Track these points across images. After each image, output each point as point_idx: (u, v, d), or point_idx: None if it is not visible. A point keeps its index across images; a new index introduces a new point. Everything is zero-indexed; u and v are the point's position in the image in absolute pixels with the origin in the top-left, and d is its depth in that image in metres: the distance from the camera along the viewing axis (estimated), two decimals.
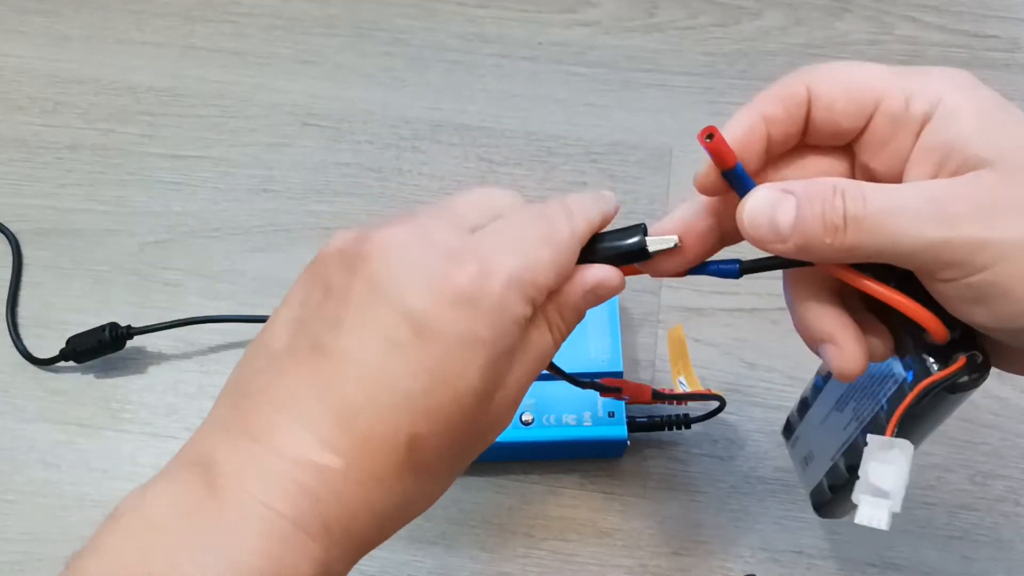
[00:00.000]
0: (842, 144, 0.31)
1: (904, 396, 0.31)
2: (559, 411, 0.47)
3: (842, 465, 0.36)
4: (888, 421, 0.31)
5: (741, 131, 0.30)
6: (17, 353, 0.52)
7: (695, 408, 0.48)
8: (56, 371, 0.52)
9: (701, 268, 0.33)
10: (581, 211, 0.32)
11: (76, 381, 0.51)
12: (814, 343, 0.32)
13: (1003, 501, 0.49)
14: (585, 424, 0.47)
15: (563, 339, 0.31)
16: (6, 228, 0.55)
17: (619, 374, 0.47)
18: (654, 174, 0.58)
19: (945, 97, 0.29)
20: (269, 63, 0.61)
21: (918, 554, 0.48)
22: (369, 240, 0.29)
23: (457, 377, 0.27)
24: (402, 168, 0.58)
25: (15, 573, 0.47)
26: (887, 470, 0.31)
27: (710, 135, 0.29)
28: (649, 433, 0.49)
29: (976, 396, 0.42)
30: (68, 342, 0.50)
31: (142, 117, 0.59)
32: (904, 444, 0.31)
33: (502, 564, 0.47)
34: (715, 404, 0.47)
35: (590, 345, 0.48)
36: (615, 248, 0.32)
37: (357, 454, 0.27)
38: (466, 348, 0.27)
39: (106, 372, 0.52)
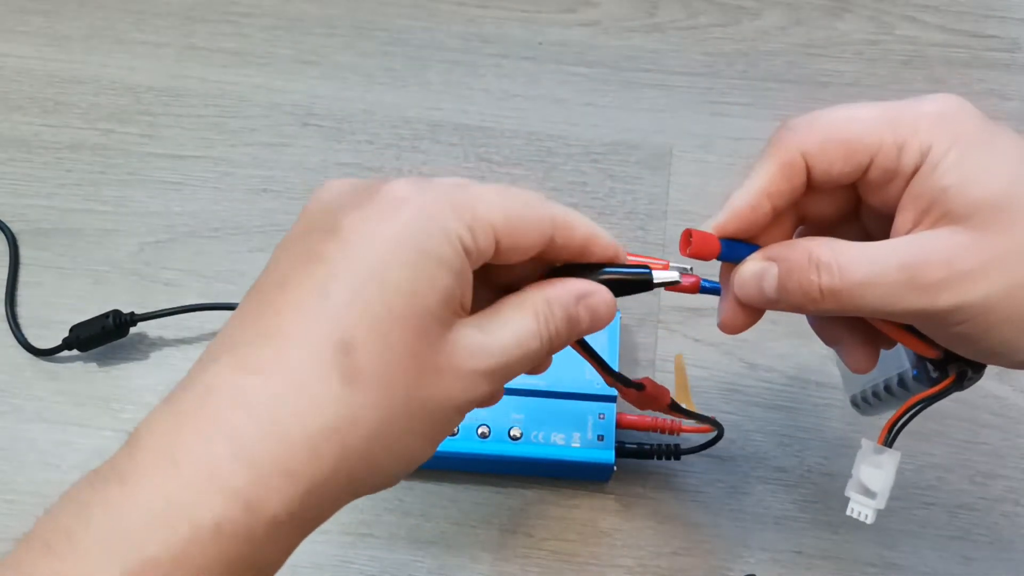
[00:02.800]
0: (846, 187, 0.33)
1: (904, 384, 0.36)
2: (548, 429, 0.47)
3: (881, 386, 0.39)
4: (902, 387, 0.36)
5: (746, 211, 0.32)
6: (18, 352, 0.52)
7: (687, 439, 0.48)
8: (58, 361, 0.52)
9: (717, 289, 0.35)
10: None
11: (78, 371, 0.51)
12: (829, 344, 0.36)
13: (1003, 501, 0.49)
14: (573, 445, 0.47)
15: (549, 336, 0.30)
16: (4, 225, 0.55)
17: (613, 397, 0.47)
18: (654, 174, 0.58)
19: (934, 146, 0.30)
20: (269, 63, 0.62)
21: (918, 554, 0.48)
22: (327, 183, 0.29)
23: (383, 274, 0.26)
24: (402, 168, 0.58)
25: None
26: (876, 474, 0.35)
27: (689, 237, 0.32)
28: (638, 460, 0.49)
29: (976, 396, 0.42)
30: (71, 330, 0.51)
31: (142, 117, 0.59)
32: (892, 453, 0.35)
33: (502, 564, 0.47)
34: (713, 433, 0.46)
35: (587, 366, 0.48)
36: (619, 274, 0.32)
37: (287, 372, 0.26)
38: (387, 243, 0.26)
39: (108, 361, 0.52)
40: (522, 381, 0.47)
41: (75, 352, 0.52)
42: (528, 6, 0.64)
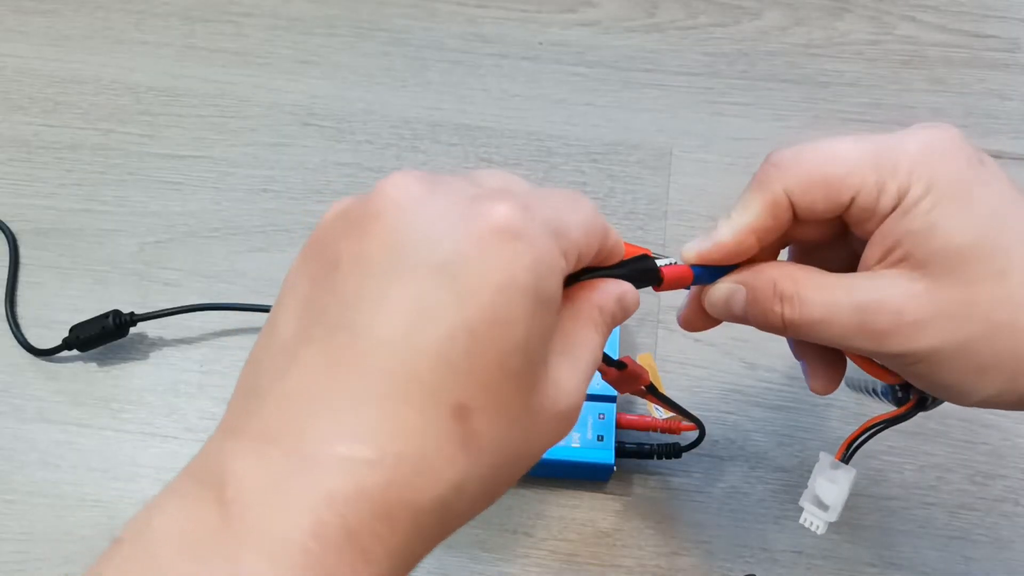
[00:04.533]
0: (832, 220, 0.33)
1: (878, 395, 0.37)
2: None
3: (869, 385, 0.40)
4: (877, 395, 0.37)
5: (731, 244, 0.33)
6: (17, 352, 0.52)
7: (687, 439, 0.48)
8: (58, 361, 0.52)
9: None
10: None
11: (78, 371, 0.51)
12: (797, 358, 0.37)
13: (1003, 501, 0.49)
14: (573, 445, 0.47)
15: (602, 341, 0.28)
16: (4, 225, 0.55)
17: (613, 398, 0.47)
18: (654, 174, 0.58)
19: (911, 189, 0.30)
20: (269, 63, 0.62)
21: (918, 554, 0.48)
22: (376, 198, 0.25)
23: (500, 329, 0.23)
24: (402, 168, 0.58)
25: (15, 573, 0.47)
26: (831, 488, 0.36)
27: (660, 279, 0.32)
28: (637, 461, 0.49)
29: None
30: (71, 330, 0.51)
31: (142, 117, 0.59)
32: (848, 469, 0.36)
33: (502, 564, 0.47)
34: (695, 431, 0.46)
35: None
36: (631, 269, 0.31)
37: (398, 440, 0.23)
38: (506, 292, 0.23)
39: (108, 361, 0.52)
40: None
41: (75, 352, 0.52)
42: (528, 6, 0.64)
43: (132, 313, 0.51)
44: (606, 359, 0.39)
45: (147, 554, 0.22)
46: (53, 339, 0.51)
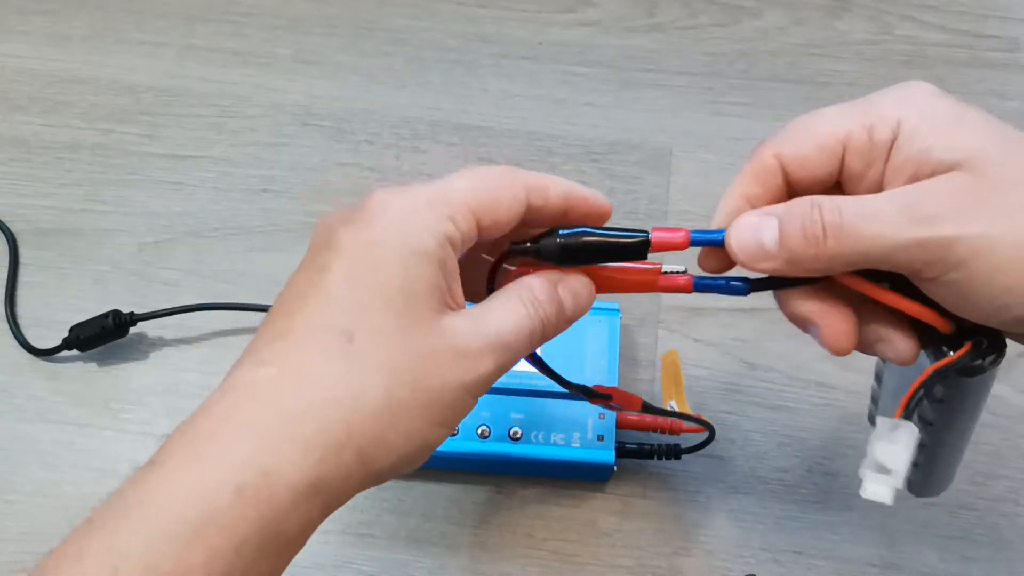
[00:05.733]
0: (829, 187, 0.32)
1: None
2: (548, 429, 0.47)
3: None
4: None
5: (727, 218, 0.32)
6: (17, 352, 0.52)
7: (687, 439, 0.48)
8: (58, 361, 0.52)
9: (711, 285, 0.34)
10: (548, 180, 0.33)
11: (78, 371, 0.51)
12: (803, 327, 0.34)
13: (1003, 501, 0.49)
14: (573, 445, 0.47)
15: (541, 318, 0.32)
16: (4, 225, 0.55)
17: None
18: (654, 174, 0.58)
19: (904, 118, 0.30)
20: (269, 63, 0.61)
21: (918, 554, 0.48)
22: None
23: (375, 275, 0.30)
24: (402, 168, 0.58)
25: (15, 573, 0.47)
26: (892, 449, 0.33)
27: (648, 245, 0.33)
28: (637, 461, 0.49)
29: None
30: (71, 330, 0.51)
31: (142, 117, 0.59)
32: (908, 426, 0.33)
33: (502, 564, 0.47)
34: (704, 431, 0.46)
35: (586, 364, 0.48)
36: (618, 237, 0.33)
37: (293, 358, 0.29)
38: (377, 248, 0.30)
39: (108, 361, 0.52)
40: (522, 381, 0.48)
41: (75, 352, 0.52)
42: (528, 6, 0.64)
43: (132, 313, 0.51)
44: (591, 395, 0.40)
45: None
46: (53, 339, 0.51)
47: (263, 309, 0.51)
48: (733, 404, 0.51)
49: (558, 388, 0.47)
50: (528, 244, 0.33)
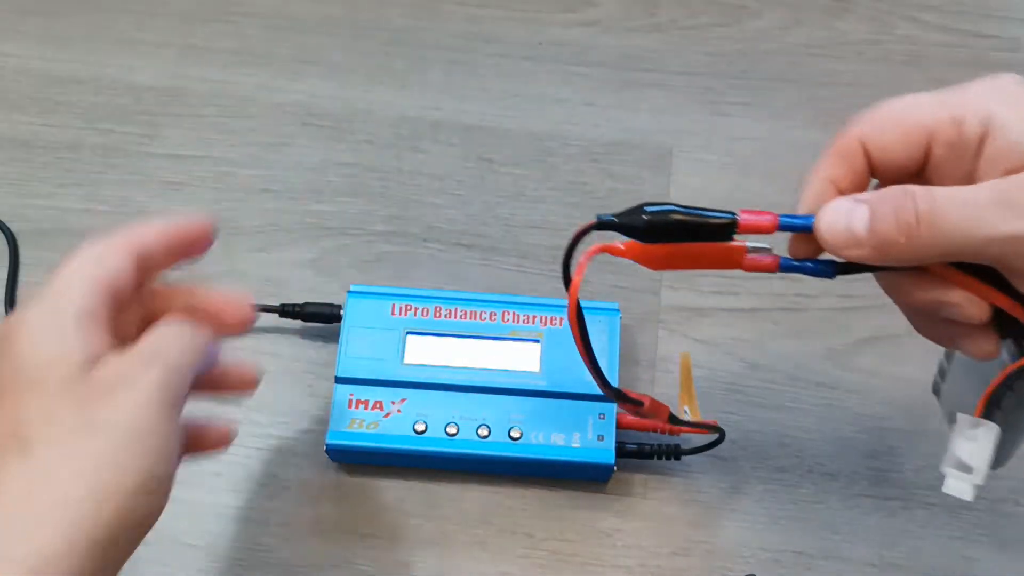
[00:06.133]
0: (913, 175, 0.32)
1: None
2: (548, 429, 0.47)
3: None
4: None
5: (815, 199, 0.32)
6: None
7: (687, 439, 0.48)
8: None
9: (797, 267, 0.34)
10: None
11: None
12: (945, 342, 0.35)
13: (1003, 501, 0.49)
14: (573, 445, 0.47)
15: (154, 376, 0.32)
16: (4, 225, 0.55)
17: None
18: (654, 174, 0.58)
19: (994, 112, 0.30)
20: (269, 63, 0.61)
21: (918, 554, 0.48)
22: None
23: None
24: (402, 168, 0.58)
25: None
26: (972, 447, 0.33)
27: (735, 226, 0.32)
28: (637, 461, 0.49)
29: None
30: None
31: (142, 117, 0.59)
32: (989, 425, 0.33)
33: (502, 564, 0.47)
34: (714, 436, 0.47)
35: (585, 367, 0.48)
36: (705, 217, 0.33)
37: None
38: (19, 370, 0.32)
39: None
40: (522, 381, 0.47)
41: None
42: (528, 6, 0.64)
43: None
44: (623, 397, 0.40)
45: None
46: None
47: (263, 309, 0.51)
48: (733, 404, 0.51)
49: (558, 388, 0.47)
50: (614, 219, 0.32)
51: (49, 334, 0.32)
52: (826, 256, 0.33)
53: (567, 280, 0.34)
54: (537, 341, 0.49)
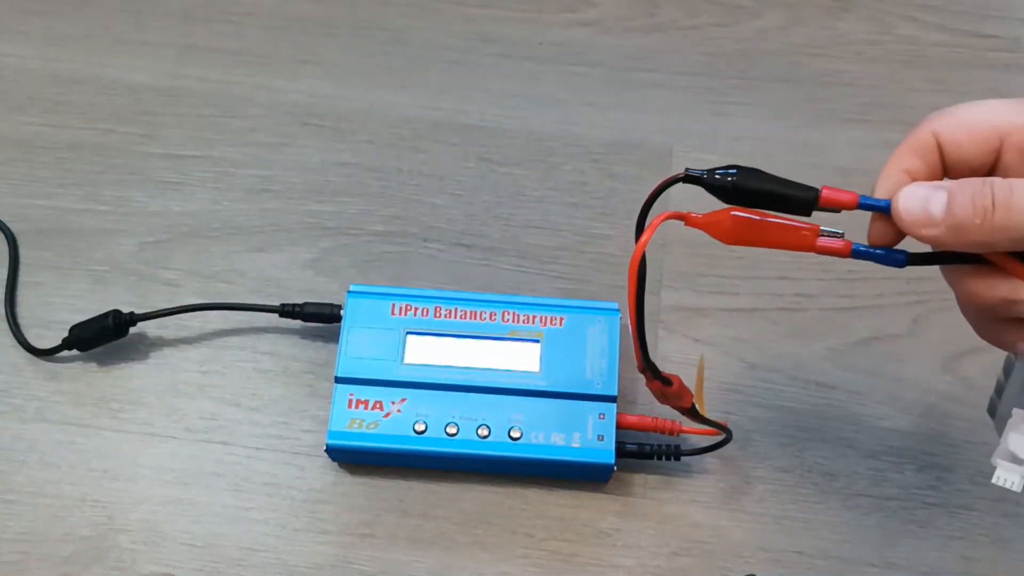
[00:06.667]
0: (982, 175, 0.33)
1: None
2: (548, 429, 0.47)
3: None
4: None
5: (891, 187, 0.33)
6: (17, 352, 0.52)
7: (687, 440, 0.48)
8: (58, 361, 0.52)
9: (870, 253, 0.34)
10: None
11: (78, 371, 0.51)
12: (1009, 347, 0.35)
13: (1003, 501, 0.49)
14: (573, 445, 0.47)
15: None
16: (4, 225, 0.55)
17: (613, 398, 0.47)
18: (654, 174, 0.58)
19: None
20: (269, 63, 0.61)
21: (918, 554, 0.48)
22: None
23: None
24: (402, 168, 0.58)
25: (15, 573, 0.47)
26: None
27: (817, 200, 0.33)
28: (637, 461, 0.49)
29: (976, 396, 0.42)
30: (71, 330, 0.51)
31: (142, 117, 0.59)
32: None
33: (502, 564, 0.47)
34: (717, 438, 0.47)
35: (587, 366, 0.48)
36: (790, 190, 0.33)
37: None
38: None
39: (108, 361, 0.52)
40: (522, 381, 0.48)
41: (75, 352, 0.52)
42: (528, 6, 0.64)
43: (132, 313, 0.51)
44: (656, 371, 0.40)
45: None
46: (53, 339, 0.51)
47: (263, 309, 0.51)
48: (733, 404, 0.51)
49: (558, 388, 0.47)
50: (703, 174, 0.33)
51: None
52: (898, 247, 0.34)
53: (639, 232, 0.35)
54: (537, 341, 0.49)
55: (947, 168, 0.33)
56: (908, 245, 0.34)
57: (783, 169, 0.34)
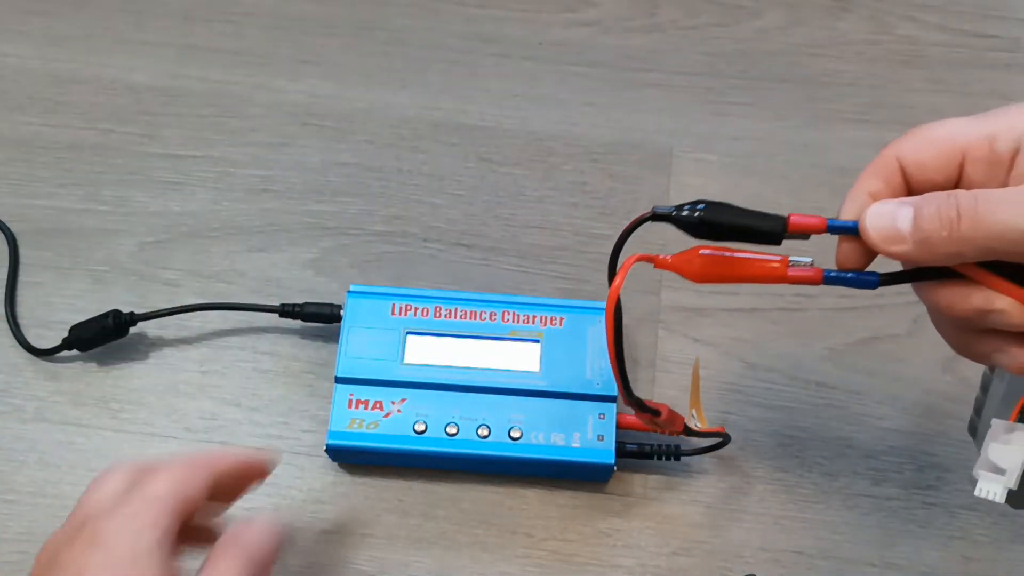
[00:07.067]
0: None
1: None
2: (548, 429, 0.47)
3: None
4: None
5: (858, 208, 0.33)
6: (17, 352, 0.52)
7: (687, 440, 0.48)
8: (58, 361, 0.52)
9: (841, 278, 0.34)
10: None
11: (78, 371, 0.51)
12: (981, 358, 0.35)
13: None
14: (573, 445, 0.47)
15: (229, 565, 0.36)
16: (4, 225, 0.55)
17: (613, 398, 0.47)
18: (654, 174, 0.58)
19: None
20: (269, 63, 0.61)
21: (918, 554, 0.48)
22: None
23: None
24: (402, 168, 0.58)
25: (15, 573, 0.47)
26: (1006, 451, 0.34)
27: (787, 226, 0.34)
28: (637, 461, 0.49)
29: (976, 395, 0.42)
30: (71, 330, 0.51)
31: (142, 117, 0.59)
32: (1023, 428, 0.34)
33: (502, 564, 0.47)
34: (718, 439, 0.47)
35: (587, 366, 0.48)
36: (757, 222, 0.34)
37: None
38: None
39: (108, 361, 0.52)
40: (522, 381, 0.47)
41: (75, 352, 0.52)
42: (528, 6, 0.64)
43: (132, 313, 0.51)
44: (641, 405, 0.40)
45: None
46: (53, 339, 0.51)
47: (263, 309, 0.51)
48: (733, 404, 0.51)
49: (558, 388, 0.47)
50: (671, 211, 0.33)
51: (128, 559, 0.34)
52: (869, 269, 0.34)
53: (611, 276, 0.35)
54: (537, 341, 0.49)
55: (911, 189, 0.33)
56: (879, 266, 0.34)
57: (783, 169, 0.35)
